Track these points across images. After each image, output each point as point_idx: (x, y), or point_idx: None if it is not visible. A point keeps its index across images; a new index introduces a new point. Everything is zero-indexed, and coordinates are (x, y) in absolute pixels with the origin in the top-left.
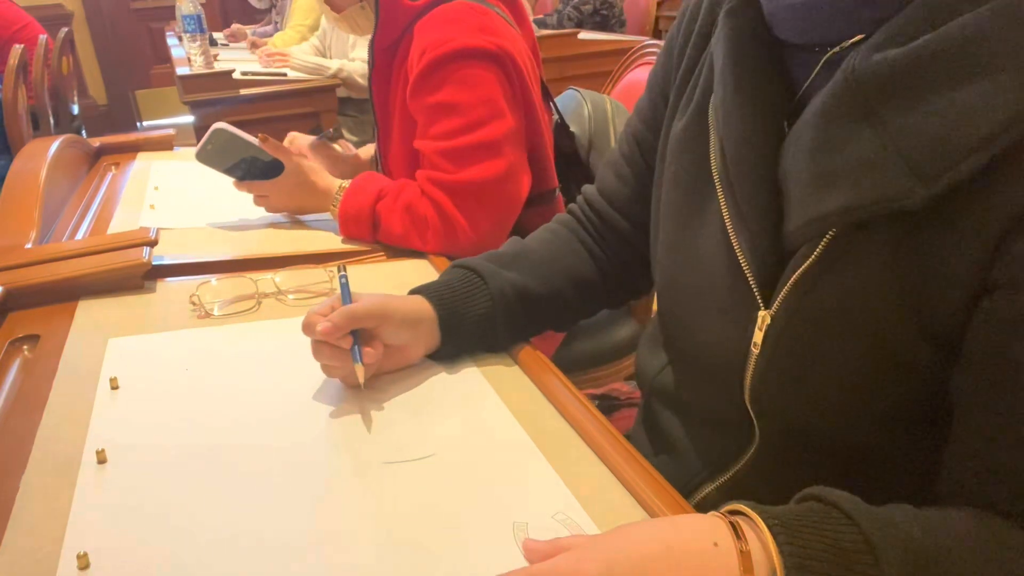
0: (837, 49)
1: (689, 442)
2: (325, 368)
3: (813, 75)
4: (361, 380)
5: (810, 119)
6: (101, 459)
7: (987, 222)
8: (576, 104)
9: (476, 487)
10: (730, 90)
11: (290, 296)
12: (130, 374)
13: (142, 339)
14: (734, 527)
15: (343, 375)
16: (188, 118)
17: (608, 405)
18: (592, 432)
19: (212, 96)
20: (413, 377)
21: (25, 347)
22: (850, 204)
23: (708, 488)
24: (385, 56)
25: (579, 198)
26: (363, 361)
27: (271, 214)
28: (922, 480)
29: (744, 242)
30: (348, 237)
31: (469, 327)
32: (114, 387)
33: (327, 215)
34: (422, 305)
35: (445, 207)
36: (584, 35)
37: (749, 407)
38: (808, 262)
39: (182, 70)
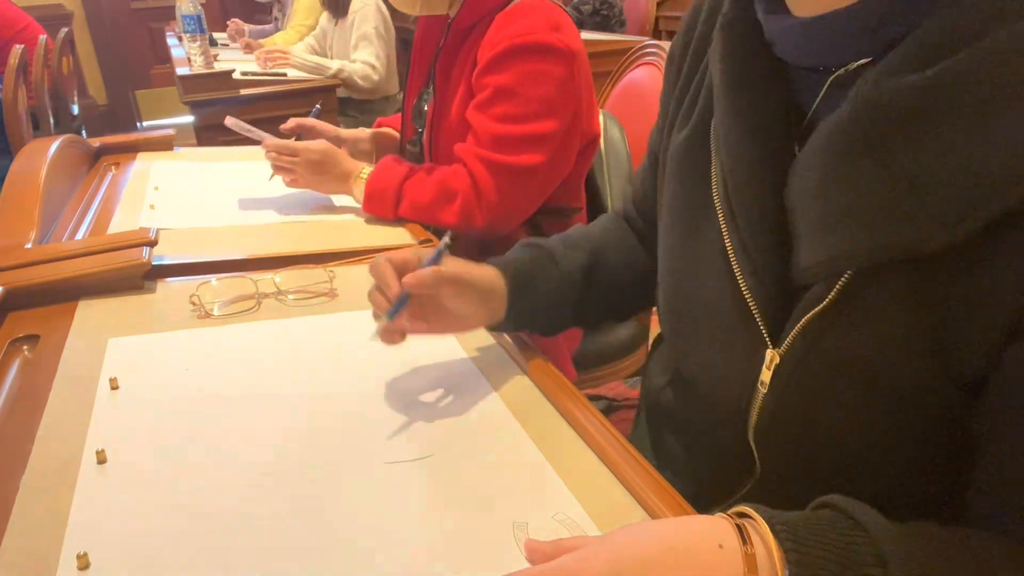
0: (842, 71)
1: (689, 463)
2: (375, 313)
3: (819, 98)
4: (381, 338)
5: (818, 150)
6: (101, 459)
7: (1018, 263)
8: None
9: (476, 487)
10: (728, 112)
11: (290, 296)
12: (130, 374)
13: (142, 339)
14: (740, 530)
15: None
16: (188, 118)
17: (607, 406)
18: (592, 432)
19: (212, 96)
20: (413, 377)
21: (25, 347)
22: (863, 248)
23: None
24: (458, 36)
25: (618, 206)
26: (398, 328)
27: (271, 214)
28: (933, 511)
29: (749, 277)
30: (369, 213)
31: (538, 306)
32: (114, 387)
33: (327, 216)
34: (495, 277)
35: (481, 182)
36: (584, 35)
37: (752, 443)
38: (823, 304)
39: (182, 70)
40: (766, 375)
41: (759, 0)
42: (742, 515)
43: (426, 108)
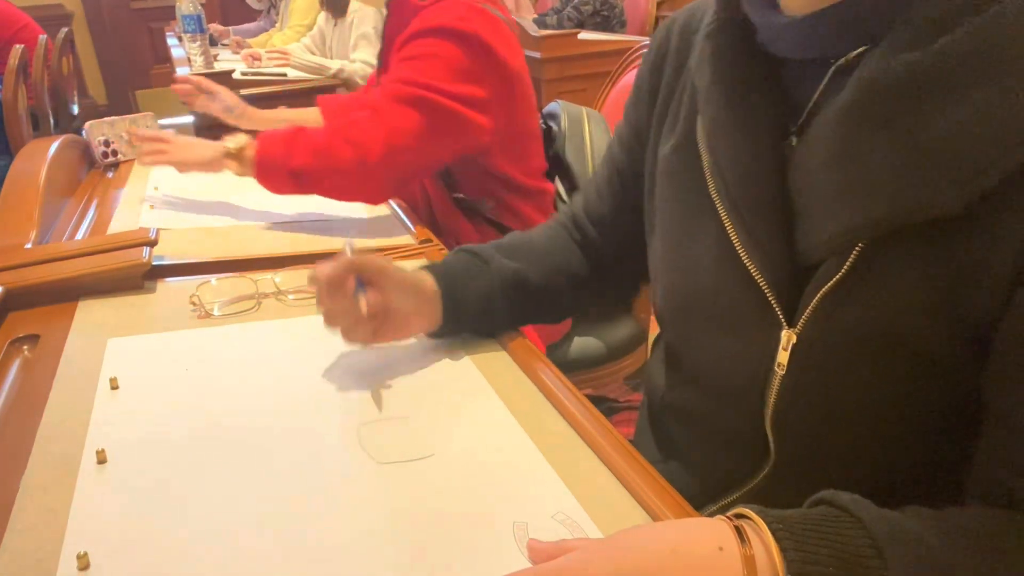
0: (843, 61)
1: (701, 458)
2: (327, 316)
3: (821, 87)
4: (363, 309)
5: (826, 131)
6: (101, 459)
7: (1021, 222)
8: (557, 109)
9: (476, 487)
10: (721, 108)
11: (290, 296)
12: (130, 374)
13: (142, 339)
14: (739, 531)
15: (345, 325)
16: (188, 118)
17: (607, 408)
18: (592, 432)
19: None
20: (413, 377)
21: (25, 347)
22: (879, 215)
23: (722, 502)
24: (390, 41)
25: (564, 207)
26: (366, 299)
27: (271, 214)
28: (945, 488)
29: (758, 262)
30: (261, 175)
31: (470, 305)
32: (114, 387)
33: (327, 216)
34: (425, 277)
35: (383, 110)
36: (584, 35)
37: (769, 429)
38: (837, 276)
39: (182, 70)
40: (783, 356)
41: (751, 4)
42: (740, 516)
43: None
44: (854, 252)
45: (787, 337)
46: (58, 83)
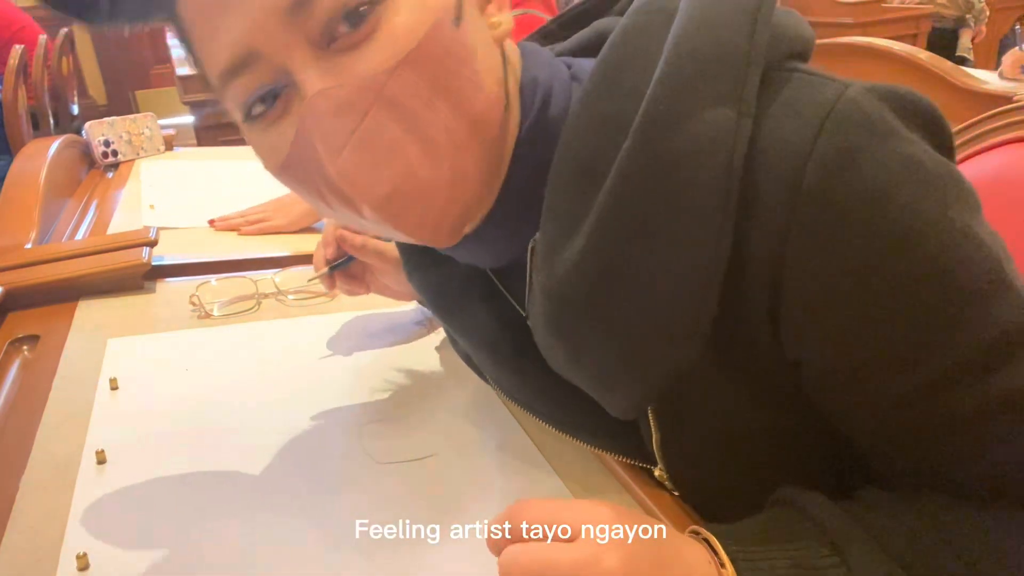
0: (532, 243)
1: None
2: (315, 266)
3: (530, 272)
4: (330, 289)
5: (544, 339)
6: (101, 459)
7: (755, 313)
8: None
9: (476, 487)
10: (458, 333)
11: (290, 296)
12: (130, 374)
13: (142, 339)
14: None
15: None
16: (188, 118)
17: None
18: None
19: (212, 96)
20: (413, 377)
21: (25, 347)
22: (641, 393)
23: None
24: None
25: None
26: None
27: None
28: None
29: (582, 437)
30: None
31: None
32: (114, 387)
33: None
34: None
35: None
36: None
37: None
38: (655, 435)
39: (182, 70)
40: (668, 483)
41: (409, 255)
42: (695, 534)
43: None
44: (650, 412)
45: (659, 474)
46: (58, 83)
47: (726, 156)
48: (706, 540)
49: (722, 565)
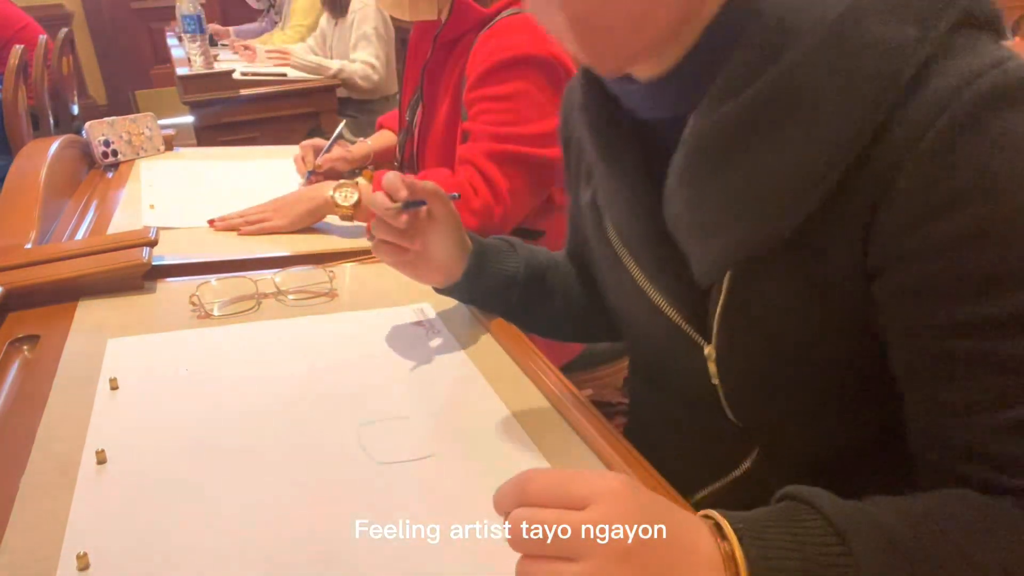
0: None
1: (688, 451)
2: (375, 224)
3: (681, 141)
4: (401, 221)
5: (672, 183)
6: (101, 459)
7: (850, 226)
8: None
9: (476, 487)
10: (604, 175)
11: (290, 296)
12: (130, 374)
13: (142, 339)
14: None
15: (382, 230)
16: (188, 118)
17: (605, 412)
18: (592, 432)
19: (212, 96)
20: (413, 377)
21: (25, 347)
22: (728, 250)
23: (707, 490)
24: (444, 50)
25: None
26: (411, 221)
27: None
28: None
29: (662, 294)
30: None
31: (490, 280)
32: (114, 387)
33: (327, 216)
34: (467, 238)
35: (492, 176)
36: None
37: (737, 423)
38: (721, 299)
39: (182, 70)
40: (712, 368)
41: (588, 85)
42: (706, 517)
43: (416, 116)
44: (727, 278)
45: (708, 353)
46: (58, 83)
47: (899, 65)
48: (710, 518)
49: (724, 538)
